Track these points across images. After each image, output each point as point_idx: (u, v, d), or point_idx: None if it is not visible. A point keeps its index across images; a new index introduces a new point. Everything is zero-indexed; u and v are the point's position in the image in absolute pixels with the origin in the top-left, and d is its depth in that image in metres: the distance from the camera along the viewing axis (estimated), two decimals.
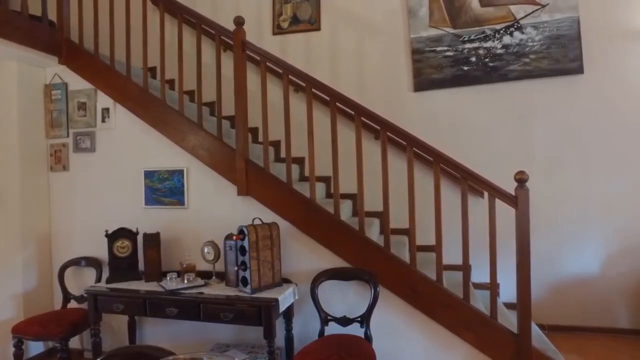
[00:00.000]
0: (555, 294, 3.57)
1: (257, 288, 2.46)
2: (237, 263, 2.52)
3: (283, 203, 2.72)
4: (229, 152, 2.83)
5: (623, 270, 3.46)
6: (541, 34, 3.50)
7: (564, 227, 3.54)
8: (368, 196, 3.29)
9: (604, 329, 3.47)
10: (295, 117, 3.50)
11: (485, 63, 3.56)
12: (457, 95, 3.65)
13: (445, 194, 3.43)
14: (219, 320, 2.41)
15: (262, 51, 2.77)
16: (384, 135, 2.59)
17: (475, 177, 2.40)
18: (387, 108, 3.66)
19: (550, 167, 3.55)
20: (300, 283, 2.68)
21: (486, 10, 3.59)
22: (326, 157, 2.92)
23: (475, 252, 3.29)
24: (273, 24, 4.03)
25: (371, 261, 2.54)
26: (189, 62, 3.22)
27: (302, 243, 2.70)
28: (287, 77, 2.75)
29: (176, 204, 2.97)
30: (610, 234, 3.48)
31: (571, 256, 3.54)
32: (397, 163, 3.47)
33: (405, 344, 2.54)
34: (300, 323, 2.73)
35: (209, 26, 2.92)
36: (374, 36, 3.82)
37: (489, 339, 2.41)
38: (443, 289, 2.46)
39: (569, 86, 3.51)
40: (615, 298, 3.47)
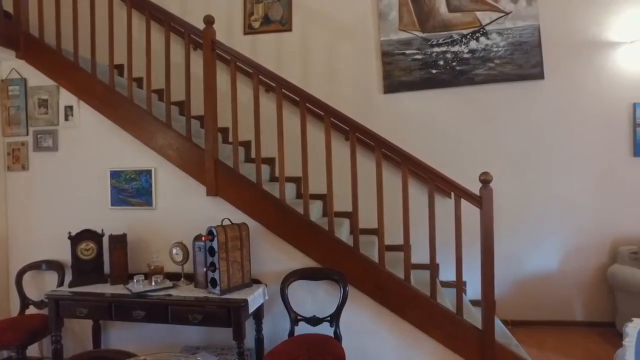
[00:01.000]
0: (518, 290, 3.71)
1: (226, 289, 2.44)
2: (206, 264, 2.49)
3: (253, 203, 2.71)
4: (198, 152, 2.80)
5: (579, 266, 3.64)
6: (505, 40, 3.63)
7: (526, 225, 3.69)
8: (338, 196, 3.33)
9: (561, 322, 3.64)
10: (265, 117, 3.49)
11: (453, 67, 3.67)
12: (426, 98, 3.74)
13: (414, 194, 3.52)
14: (188, 323, 2.37)
15: (232, 51, 2.75)
16: (353, 137, 2.62)
17: (441, 177, 2.47)
18: (358, 109, 3.72)
19: (514, 168, 3.69)
20: (270, 283, 2.68)
21: (454, 15, 3.69)
22: (297, 158, 2.92)
23: (443, 251, 3.39)
24: (244, 23, 4.00)
25: (341, 261, 2.57)
26: (158, 61, 3.16)
27: (272, 243, 2.70)
28: (257, 78, 2.74)
29: (144, 204, 2.90)
30: (568, 232, 3.65)
31: (533, 254, 3.69)
32: (367, 164, 3.51)
33: (374, 342, 2.58)
34: (271, 323, 2.73)
35: (178, 24, 2.88)
36: (345, 38, 3.86)
37: (455, 335, 2.48)
38: (411, 287, 2.51)
39: (531, 91, 3.66)
40: (572, 293, 3.65)
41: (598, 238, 3.63)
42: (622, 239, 3.58)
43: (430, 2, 3.72)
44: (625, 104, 3.58)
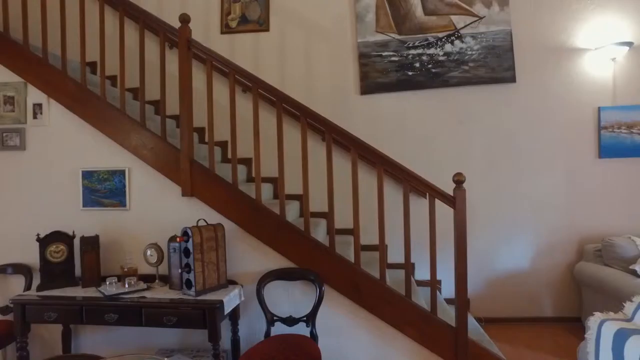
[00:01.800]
0: (491, 288, 3.81)
1: (201, 290, 2.42)
2: (181, 265, 2.46)
3: (229, 204, 2.69)
4: (174, 153, 2.76)
5: (549, 264, 3.76)
6: (479, 44, 3.71)
7: (499, 225, 3.79)
8: (315, 197, 3.35)
9: (532, 318, 3.75)
10: (242, 118, 3.49)
11: (429, 69, 3.73)
12: (402, 99, 3.80)
13: (390, 194, 3.58)
14: (162, 325, 2.34)
15: (208, 50, 2.73)
16: (329, 137, 2.64)
17: (416, 178, 2.51)
18: (335, 110, 3.75)
19: (487, 169, 3.79)
20: (246, 284, 2.67)
21: (429, 18, 3.76)
22: (274, 158, 2.92)
23: (419, 251, 3.46)
24: (221, 22, 3.97)
25: (317, 261, 2.58)
26: (132, 59, 3.10)
27: (248, 244, 2.69)
28: (234, 77, 2.73)
29: (117, 205, 2.84)
30: (538, 231, 3.77)
31: (505, 252, 3.80)
32: (344, 164, 3.54)
33: (350, 341, 2.60)
34: (247, 324, 2.72)
35: (153, 22, 2.83)
36: (322, 39, 3.88)
37: (429, 333, 2.53)
38: (386, 286, 2.54)
39: (503, 93, 3.76)
40: (542, 290, 3.77)
41: (566, 237, 3.76)
42: (588, 238, 3.72)
43: (406, 5, 3.77)
44: (591, 108, 3.72)
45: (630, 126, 3.66)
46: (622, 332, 1.65)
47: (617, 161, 3.70)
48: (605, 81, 3.70)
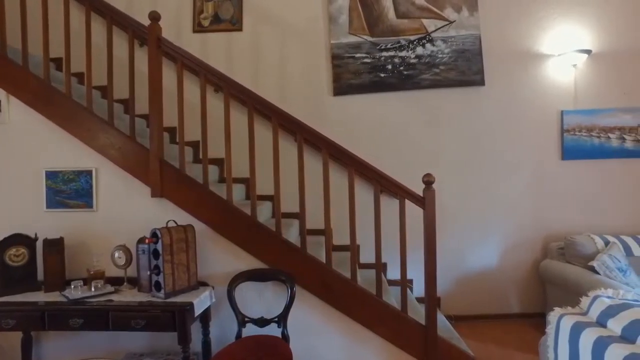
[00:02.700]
0: (462, 286, 3.90)
1: (171, 292, 2.38)
2: (150, 267, 2.42)
3: (199, 205, 2.66)
4: (143, 152, 2.70)
5: (516, 262, 3.89)
6: (449, 48, 3.80)
7: (468, 224, 3.88)
8: (288, 197, 3.35)
9: (500, 315, 3.86)
10: (215, 117, 3.45)
11: (400, 71, 3.79)
12: (374, 101, 3.85)
13: (362, 195, 3.61)
14: (131, 329, 2.28)
15: (178, 49, 2.69)
16: (300, 138, 2.64)
17: (386, 179, 2.55)
18: (308, 111, 3.76)
19: (457, 170, 3.88)
20: (217, 286, 2.64)
21: (401, 21, 3.82)
22: (247, 158, 2.90)
23: (391, 251, 3.49)
24: (193, 21, 3.91)
25: (288, 262, 2.58)
26: (100, 55, 3.01)
27: (220, 245, 2.67)
28: (204, 77, 2.70)
29: (83, 206, 2.76)
30: (506, 230, 3.89)
31: (474, 251, 3.90)
32: (316, 165, 3.56)
33: (322, 341, 2.62)
34: (218, 326, 2.69)
35: (121, 19, 2.77)
36: (296, 40, 3.88)
37: (400, 331, 2.57)
38: (357, 286, 2.57)
39: (473, 96, 3.86)
40: (510, 287, 3.89)
41: (532, 235, 3.90)
42: (552, 236, 3.87)
43: (379, 8, 3.82)
44: (555, 111, 3.86)
45: (590, 129, 3.83)
46: (578, 325, 1.73)
47: (578, 163, 3.86)
48: (568, 86, 3.86)
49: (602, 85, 3.86)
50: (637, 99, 3.85)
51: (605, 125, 3.83)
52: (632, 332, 1.50)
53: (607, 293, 1.86)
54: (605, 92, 3.86)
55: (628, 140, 3.83)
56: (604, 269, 3.08)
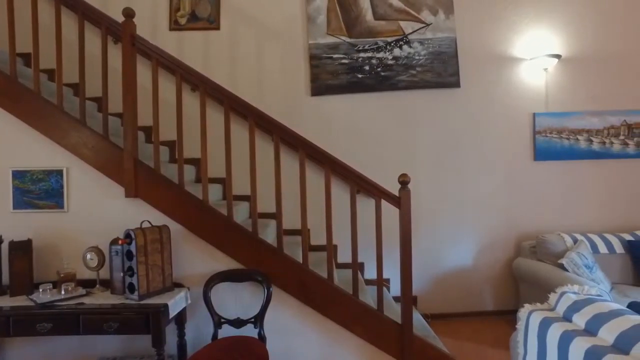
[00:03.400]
0: (438, 285, 3.96)
1: (145, 294, 2.34)
2: (124, 269, 2.37)
3: (175, 205, 2.62)
4: (117, 152, 2.64)
5: (490, 261, 3.98)
6: (426, 50, 3.86)
7: (443, 224, 3.95)
8: (265, 197, 3.34)
9: (475, 312, 3.94)
10: (191, 117, 3.41)
11: (378, 72, 3.83)
12: (352, 101, 3.87)
13: (340, 195, 3.63)
14: (103, 332, 2.23)
15: (153, 47, 2.64)
16: (277, 138, 2.64)
17: (362, 179, 2.57)
18: (285, 111, 3.76)
19: (433, 170, 3.94)
20: (193, 287, 2.61)
21: (379, 23, 3.86)
22: (224, 158, 2.88)
23: (368, 250, 3.53)
24: (170, 19, 3.86)
25: (265, 262, 2.57)
26: (73, 52, 2.93)
27: (195, 246, 2.63)
28: (180, 76, 2.66)
29: (53, 207, 2.68)
30: (480, 229, 3.97)
31: (450, 250, 3.97)
32: (294, 165, 3.56)
33: (299, 341, 2.62)
34: (194, 328, 2.65)
35: (94, 14, 2.70)
36: (274, 40, 3.87)
37: (376, 330, 2.59)
38: (334, 286, 2.58)
39: (449, 98, 3.93)
40: (484, 285, 3.98)
41: (505, 234, 3.99)
42: (525, 235, 3.97)
43: (357, 9, 3.85)
44: (527, 113, 3.97)
45: (560, 131, 3.95)
46: (546, 320, 1.78)
47: (550, 164, 3.98)
48: (539, 89, 3.98)
49: (571, 89, 3.99)
50: (603, 103, 4.00)
51: (574, 127, 3.96)
52: (594, 326, 1.56)
53: (573, 289, 1.93)
54: (574, 96, 3.99)
55: (595, 142, 3.98)
56: (573, 266, 3.18)
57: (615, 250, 3.51)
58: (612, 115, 3.99)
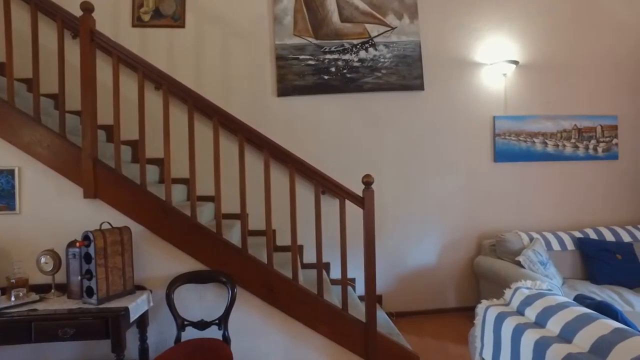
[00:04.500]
0: (402, 284, 4.04)
1: (104, 298, 2.27)
2: (81, 272, 2.29)
3: (137, 206, 2.56)
4: (75, 151, 2.55)
5: (452, 259, 4.10)
6: (391, 53, 3.94)
7: (408, 224, 4.04)
8: (231, 198, 3.31)
9: (438, 309, 4.05)
10: (155, 116, 3.33)
11: (344, 74, 3.88)
12: (318, 102, 3.90)
13: (305, 195, 3.63)
14: (57, 339, 2.14)
15: (113, 43, 2.57)
16: (241, 138, 2.63)
17: (326, 179, 2.59)
18: (252, 111, 3.74)
19: (397, 171, 4.02)
20: (155, 289, 2.56)
21: (345, 25, 3.91)
22: (188, 158, 2.84)
23: (335, 250, 3.53)
24: (133, 15, 3.75)
25: (229, 263, 2.55)
26: (26, 45, 2.80)
27: (158, 247, 2.58)
28: (143, 74, 2.60)
29: (4, 208, 2.56)
30: (443, 228, 4.09)
31: (414, 249, 4.06)
32: (259, 165, 3.54)
33: (264, 341, 2.61)
34: (156, 331, 2.60)
35: (48, 6, 2.59)
36: (240, 39, 3.84)
37: (341, 329, 2.62)
38: (298, 286, 2.59)
39: (413, 100, 4.02)
40: (447, 283, 4.09)
41: (467, 233, 4.13)
42: (485, 234, 4.12)
43: (323, 11, 3.88)
44: (488, 116, 4.13)
45: (518, 134, 4.13)
46: (501, 315, 1.87)
47: (508, 165, 4.15)
48: (499, 93, 4.14)
49: (528, 94, 4.18)
50: (556, 108, 4.21)
51: (530, 130, 4.14)
52: (543, 318, 1.65)
53: (527, 284, 2.02)
54: (530, 100, 4.18)
55: (549, 145, 4.18)
56: (528, 263, 3.33)
57: (567, 247, 3.70)
58: (565, 120, 4.20)
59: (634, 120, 4.36)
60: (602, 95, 4.30)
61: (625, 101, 4.34)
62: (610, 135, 4.28)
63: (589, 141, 4.24)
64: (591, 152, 4.25)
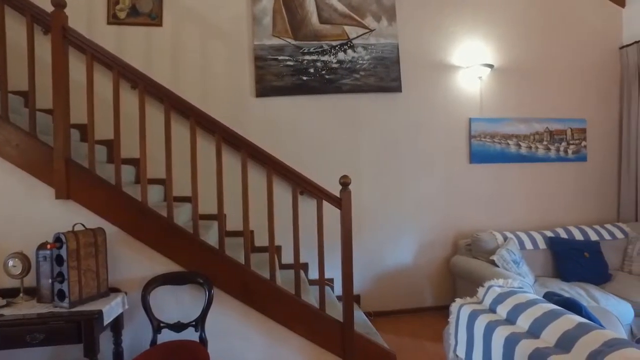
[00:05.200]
0: (380, 284, 4.09)
1: (77, 301, 2.22)
2: (53, 275, 2.23)
3: (112, 207, 2.51)
4: (47, 151, 2.47)
5: (429, 259, 4.17)
6: (369, 54, 3.98)
7: (386, 224, 4.09)
8: (209, 199, 3.27)
9: (416, 309, 4.11)
10: (131, 115, 3.26)
11: (322, 75, 3.90)
12: (297, 103, 3.91)
13: (283, 196, 3.61)
14: (26, 345, 2.08)
15: (87, 41, 2.51)
16: (218, 138, 2.62)
17: (304, 180, 2.61)
18: (230, 111, 3.71)
19: (375, 172, 4.07)
20: (131, 291, 2.51)
21: (324, 27, 3.93)
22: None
23: (313, 251, 3.52)
24: (108, 12, 3.68)
25: (206, 264, 2.53)
26: None
27: (134, 249, 2.54)
28: (118, 72, 2.56)
29: None
30: (420, 229, 4.15)
31: (392, 250, 4.11)
32: (237, 166, 3.50)
33: (241, 342, 2.60)
34: (131, 334, 2.55)
35: (17, 1, 2.52)
36: (219, 39, 3.81)
37: (318, 329, 2.62)
38: (276, 287, 2.59)
39: (391, 102, 4.08)
40: (424, 282, 4.16)
41: (444, 233, 4.21)
42: (461, 234, 4.21)
43: (302, 12, 3.89)
44: (464, 118, 4.22)
45: (493, 136, 4.24)
46: (474, 313, 1.91)
47: (484, 166, 4.25)
48: (474, 95, 4.23)
49: (502, 97, 4.29)
50: (530, 111, 4.35)
51: (505, 132, 4.26)
52: (513, 315, 1.70)
53: (499, 283, 2.08)
54: (505, 103, 4.29)
55: (523, 147, 4.31)
56: (502, 262, 3.42)
57: (539, 246, 3.82)
58: (537, 123, 4.33)
59: (602, 124, 4.54)
60: (572, 99, 4.46)
61: (594, 105, 4.51)
62: (580, 137, 4.43)
63: (560, 143, 4.39)
64: (562, 154, 4.39)
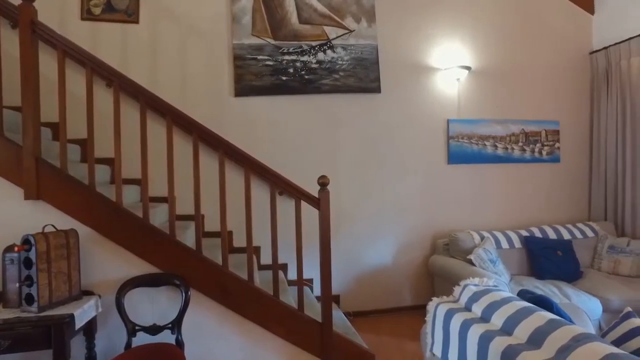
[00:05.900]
0: (359, 284, 4.10)
1: (47, 305, 2.14)
2: (20, 279, 2.15)
3: (85, 208, 2.44)
4: (15, 150, 2.39)
5: (408, 259, 4.21)
6: (349, 55, 3.99)
7: (364, 224, 4.10)
8: (186, 199, 3.22)
9: (395, 308, 4.15)
10: (106, 114, 3.19)
11: (302, 75, 3.89)
12: (276, 103, 3.89)
13: (262, 196, 3.58)
14: None
15: (59, 37, 2.44)
16: (195, 137, 2.59)
17: (282, 180, 2.60)
18: (209, 111, 3.66)
19: (354, 172, 4.08)
20: (105, 294, 2.44)
21: (304, 27, 3.92)
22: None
23: (293, 251, 3.51)
24: (82, 7, 3.59)
25: (183, 265, 2.49)
26: None
27: (108, 250, 2.47)
28: (91, 69, 2.50)
29: None
30: (399, 229, 4.19)
31: (371, 250, 4.13)
32: (215, 166, 3.47)
33: (219, 344, 2.57)
34: (105, 338, 2.49)
35: None
36: (197, 38, 3.76)
37: (297, 330, 2.62)
38: (254, 287, 2.57)
39: (370, 102, 4.10)
40: (403, 282, 4.19)
41: (422, 233, 4.25)
42: (439, 233, 4.26)
43: (282, 12, 3.88)
44: (442, 119, 4.28)
45: (470, 137, 4.31)
46: (450, 311, 1.94)
47: (461, 167, 4.31)
48: (452, 97, 4.30)
49: (479, 99, 4.37)
50: (506, 112, 4.44)
51: (482, 134, 4.34)
52: (487, 313, 1.73)
53: (474, 281, 2.11)
54: (482, 105, 4.37)
55: (499, 148, 4.40)
56: (479, 261, 3.48)
57: (514, 245, 3.90)
58: (513, 124, 4.43)
59: (574, 126, 4.67)
60: (546, 101, 4.57)
61: (566, 108, 4.64)
62: (554, 139, 4.55)
63: (535, 145, 4.49)
64: (537, 155, 4.50)
